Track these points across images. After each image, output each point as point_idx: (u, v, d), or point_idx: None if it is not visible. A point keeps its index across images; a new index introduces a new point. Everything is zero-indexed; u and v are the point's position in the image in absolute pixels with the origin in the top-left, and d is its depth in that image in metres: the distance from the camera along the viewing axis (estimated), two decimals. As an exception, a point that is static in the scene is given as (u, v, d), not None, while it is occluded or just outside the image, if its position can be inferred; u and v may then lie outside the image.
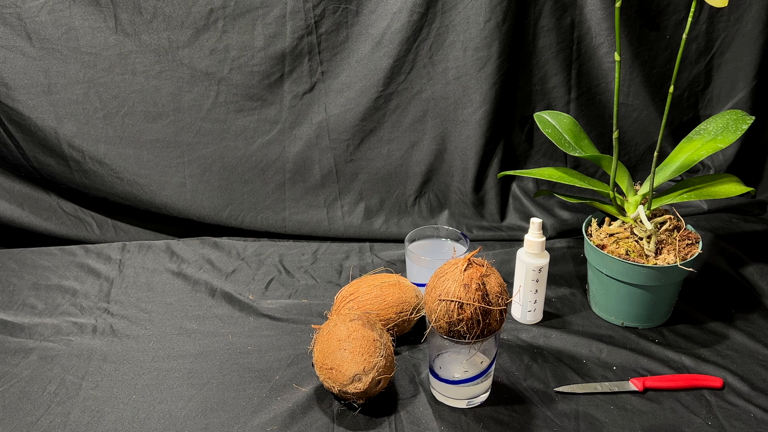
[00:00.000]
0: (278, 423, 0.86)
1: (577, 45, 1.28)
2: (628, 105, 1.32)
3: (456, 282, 0.79)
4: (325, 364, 0.86)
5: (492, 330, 0.82)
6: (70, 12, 1.17)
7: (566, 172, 1.08)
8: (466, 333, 0.80)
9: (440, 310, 0.80)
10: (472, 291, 0.79)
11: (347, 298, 0.98)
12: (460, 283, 0.79)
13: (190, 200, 1.27)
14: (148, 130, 1.25)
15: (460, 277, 0.79)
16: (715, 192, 1.01)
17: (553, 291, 1.12)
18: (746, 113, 1.03)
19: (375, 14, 1.22)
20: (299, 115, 1.27)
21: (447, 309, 0.80)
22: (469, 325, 0.80)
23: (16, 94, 1.19)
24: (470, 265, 0.80)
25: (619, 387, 0.91)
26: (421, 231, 1.11)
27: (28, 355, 0.99)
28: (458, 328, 0.80)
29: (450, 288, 0.79)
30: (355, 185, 1.32)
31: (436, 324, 0.82)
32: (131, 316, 1.07)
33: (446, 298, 0.79)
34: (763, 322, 1.05)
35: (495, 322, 0.81)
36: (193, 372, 0.95)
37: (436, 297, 0.81)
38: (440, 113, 1.29)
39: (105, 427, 0.86)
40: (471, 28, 1.23)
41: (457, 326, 0.80)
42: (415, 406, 0.89)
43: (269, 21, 1.21)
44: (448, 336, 0.82)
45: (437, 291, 0.81)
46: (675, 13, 1.26)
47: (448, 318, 0.80)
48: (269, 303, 1.10)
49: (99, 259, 1.22)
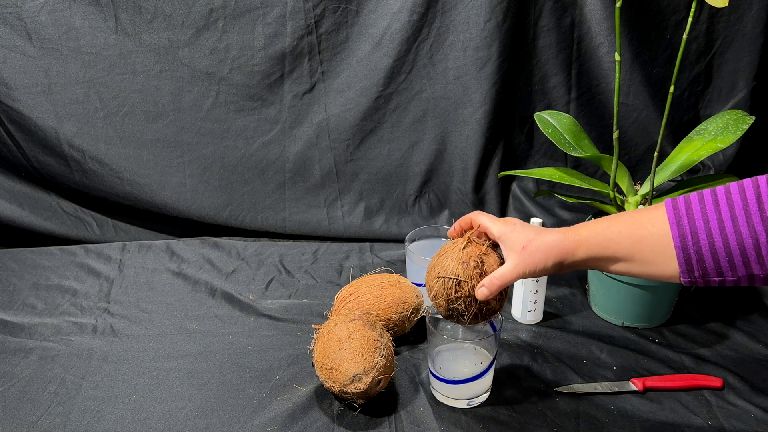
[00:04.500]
0: (278, 423, 0.86)
1: (578, 45, 1.28)
2: (629, 105, 1.32)
3: (455, 260, 0.78)
4: (326, 364, 0.86)
5: (492, 310, 0.80)
6: (71, 12, 1.17)
7: (566, 172, 1.08)
8: (465, 311, 0.79)
9: (438, 288, 0.79)
10: (471, 269, 0.77)
11: (347, 298, 0.98)
12: (458, 261, 0.78)
13: (190, 200, 1.27)
14: (148, 130, 1.25)
15: (459, 255, 0.78)
16: (715, 192, 1.01)
17: (553, 291, 1.12)
18: (746, 113, 1.03)
19: (375, 14, 1.22)
20: (299, 115, 1.27)
21: (445, 286, 0.78)
22: (467, 302, 0.78)
23: (17, 94, 1.19)
24: (469, 243, 0.79)
25: (619, 387, 0.91)
26: (421, 231, 1.11)
27: (28, 355, 0.98)
28: (456, 306, 0.79)
29: (448, 266, 0.78)
30: (355, 185, 1.32)
31: (435, 302, 0.80)
32: (131, 316, 1.07)
33: (444, 275, 0.78)
34: (763, 322, 1.05)
35: (495, 301, 0.79)
36: (193, 372, 0.95)
37: (435, 275, 0.80)
38: (440, 113, 1.29)
39: (105, 427, 0.86)
40: (471, 28, 1.23)
41: (455, 303, 0.78)
42: (415, 406, 0.89)
43: (269, 21, 1.21)
44: (447, 316, 0.81)
45: (436, 269, 0.80)
46: (675, 13, 1.26)
47: (446, 296, 0.78)
48: (269, 303, 1.10)
49: (99, 259, 1.22)
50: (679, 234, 0.67)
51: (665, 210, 0.69)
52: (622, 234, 0.71)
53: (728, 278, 0.67)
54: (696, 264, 0.67)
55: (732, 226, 0.65)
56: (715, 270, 0.66)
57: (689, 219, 0.67)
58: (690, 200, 0.68)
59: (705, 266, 0.67)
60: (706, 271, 0.67)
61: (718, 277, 0.67)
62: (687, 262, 0.67)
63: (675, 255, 0.67)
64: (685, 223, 0.67)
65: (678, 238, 0.67)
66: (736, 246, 0.65)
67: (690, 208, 0.68)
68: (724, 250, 0.65)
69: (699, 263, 0.67)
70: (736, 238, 0.65)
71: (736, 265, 0.65)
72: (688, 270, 0.68)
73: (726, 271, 0.66)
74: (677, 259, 0.67)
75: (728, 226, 0.65)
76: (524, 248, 0.74)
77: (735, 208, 0.65)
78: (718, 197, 0.67)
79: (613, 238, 0.72)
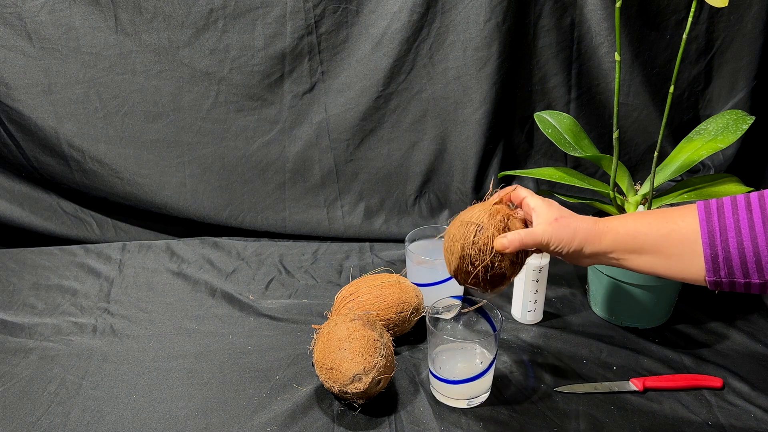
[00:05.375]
0: (278, 423, 0.86)
1: (578, 45, 1.28)
2: (629, 105, 1.32)
3: (483, 210, 0.77)
4: (326, 364, 0.86)
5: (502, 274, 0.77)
6: (71, 12, 1.17)
7: (566, 172, 1.08)
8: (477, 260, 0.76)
9: (458, 231, 0.77)
10: (496, 220, 0.76)
11: (347, 298, 0.98)
12: (486, 211, 0.77)
13: (190, 200, 1.27)
14: (148, 130, 1.25)
15: (488, 206, 0.77)
16: (715, 192, 1.01)
17: (553, 291, 1.12)
18: (746, 113, 1.03)
19: (375, 14, 1.22)
20: (299, 115, 1.27)
21: (465, 230, 0.76)
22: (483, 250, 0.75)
23: (17, 94, 1.19)
24: (501, 201, 0.79)
25: (619, 387, 0.91)
26: (421, 231, 1.11)
27: (28, 355, 0.99)
28: (470, 252, 0.76)
29: (475, 213, 0.77)
30: (355, 185, 1.32)
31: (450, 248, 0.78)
32: (131, 316, 1.07)
33: (468, 220, 0.77)
34: (763, 322, 1.05)
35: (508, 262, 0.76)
36: (193, 372, 0.95)
37: (459, 220, 0.78)
38: (440, 113, 1.29)
39: (105, 427, 0.86)
40: (471, 27, 1.23)
41: (470, 249, 0.76)
42: (415, 406, 0.89)
43: (269, 21, 1.21)
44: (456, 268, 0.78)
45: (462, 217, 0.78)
46: (675, 13, 1.26)
47: (464, 239, 0.76)
48: (269, 303, 1.10)
49: (99, 259, 1.22)
50: (708, 230, 0.67)
51: (696, 207, 0.69)
52: (652, 225, 0.71)
53: (754, 281, 0.66)
54: (722, 262, 0.67)
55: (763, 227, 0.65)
56: (742, 270, 0.66)
57: (719, 217, 0.67)
58: (722, 201, 0.69)
59: (731, 265, 0.66)
60: (732, 270, 0.67)
61: (744, 279, 0.67)
62: (713, 259, 0.67)
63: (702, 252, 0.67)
64: (715, 220, 0.67)
65: (706, 234, 0.67)
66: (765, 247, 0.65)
67: (722, 207, 0.68)
68: (753, 249, 0.65)
69: (725, 261, 0.67)
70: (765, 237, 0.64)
71: (763, 266, 0.65)
72: (714, 268, 0.67)
73: (752, 273, 0.66)
74: (704, 255, 0.67)
75: (758, 226, 0.65)
76: (556, 220, 0.73)
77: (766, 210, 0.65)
78: (750, 200, 0.67)
79: (641, 229, 0.71)
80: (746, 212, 0.66)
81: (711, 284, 0.69)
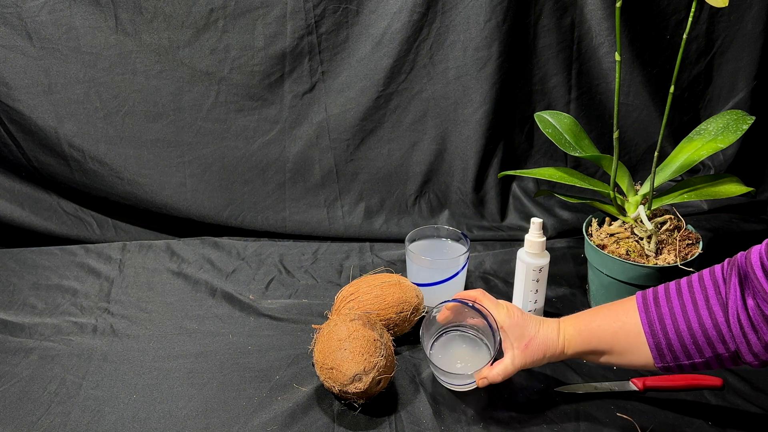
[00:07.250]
0: (278, 423, 0.86)
1: (578, 45, 1.28)
2: (629, 105, 1.32)
3: None
4: (326, 364, 0.86)
5: None
6: (71, 12, 1.17)
7: (566, 172, 1.08)
8: None
9: None
10: None
11: (347, 298, 0.98)
12: None
13: (191, 200, 1.27)
14: (149, 130, 1.25)
15: None
16: (715, 192, 1.01)
17: (553, 291, 1.12)
18: (746, 113, 1.03)
19: (375, 14, 1.22)
20: (299, 115, 1.27)
21: None
22: None
23: (17, 94, 1.19)
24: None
25: (619, 387, 0.91)
26: (422, 231, 1.11)
27: (28, 354, 0.99)
28: None
29: None
30: (355, 185, 1.32)
31: None
32: (131, 315, 1.07)
33: None
34: (763, 322, 1.05)
35: None
36: (193, 372, 0.95)
37: None
38: (440, 113, 1.29)
39: (105, 427, 0.86)
40: (471, 28, 1.23)
41: None
42: (415, 406, 0.89)
43: (269, 21, 1.21)
44: None
45: None
46: (675, 13, 1.26)
47: None
48: (269, 303, 1.10)
49: (99, 259, 1.22)
50: (648, 321, 0.74)
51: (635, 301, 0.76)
52: (602, 327, 0.78)
53: (697, 360, 0.72)
54: (666, 348, 0.73)
55: (693, 309, 0.71)
56: (683, 352, 0.72)
57: (656, 307, 0.74)
58: (657, 291, 0.75)
59: (674, 350, 0.72)
60: (676, 354, 0.72)
61: (688, 360, 0.72)
62: (657, 348, 0.73)
63: (647, 342, 0.74)
64: (653, 310, 0.74)
65: (647, 325, 0.74)
66: (698, 327, 0.70)
67: (657, 297, 0.75)
68: (688, 332, 0.71)
69: (668, 347, 0.72)
70: (698, 320, 0.70)
71: (701, 346, 0.71)
72: (660, 355, 0.73)
73: (693, 353, 0.72)
74: (648, 345, 0.74)
75: (690, 309, 0.71)
76: (526, 346, 0.81)
77: (696, 294, 0.72)
78: (681, 286, 0.74)
79: (593, 332, 0.79)
80: (677, 299, 0.73)
81: (662, 369, 0.75)
